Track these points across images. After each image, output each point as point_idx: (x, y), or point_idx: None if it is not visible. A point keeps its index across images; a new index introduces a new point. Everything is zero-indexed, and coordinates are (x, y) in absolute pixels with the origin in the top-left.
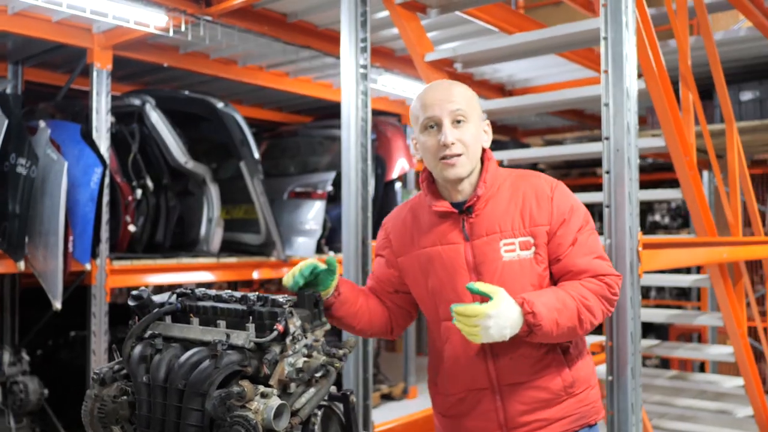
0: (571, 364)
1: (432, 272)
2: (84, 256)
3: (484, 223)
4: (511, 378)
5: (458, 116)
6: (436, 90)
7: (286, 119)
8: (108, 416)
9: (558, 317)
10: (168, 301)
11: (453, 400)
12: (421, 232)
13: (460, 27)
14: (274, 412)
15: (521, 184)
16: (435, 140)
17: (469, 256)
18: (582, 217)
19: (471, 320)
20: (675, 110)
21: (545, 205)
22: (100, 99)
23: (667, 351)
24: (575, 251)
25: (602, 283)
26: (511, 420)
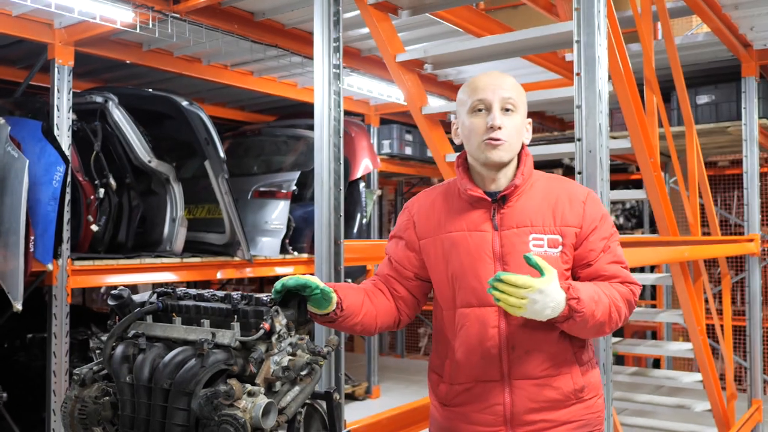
0: (583, 368)
1: (455, 257)
2: (46, 257)
3: (516, 215)
4: (523, 373)
5: (508, 104)
6: (489, 76)
7: (249, 118)
8: (89, 417)
9: (595, 309)
10: (149, 300)
11: (459, 390)
12: (450, 216)
13: (428, 28)
14: (263, 410)
15: (555, 185)
16: (483, 122)
17: (496, 245)
18: (611, 226)
19: (519, 291)
20: (641, 113)
21: (577, 208)
22: (62, 96)
23: (628, 348)
24: (606, 257)
25: (629, 289)
26: (517, 416)
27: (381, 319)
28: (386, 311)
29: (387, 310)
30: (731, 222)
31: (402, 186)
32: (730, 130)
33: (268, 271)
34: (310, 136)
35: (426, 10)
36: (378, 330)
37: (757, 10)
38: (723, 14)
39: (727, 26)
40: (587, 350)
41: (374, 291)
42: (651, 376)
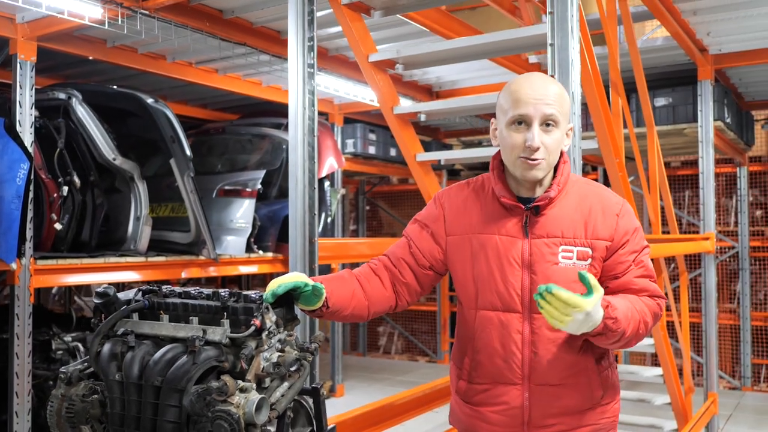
0: (602, 373)
1: (482, 258)
2: (9, 256)
3: (548, 224)
4: (543, 378)
5: (549, 120)
6: (533, 86)
7: (211, 116)
8: (77, 416)
9: (627, 327)
10: (134, 298)
11: (478, 389)
12: (481, 217)
13: (396, 28)
14: (256, 405)
15: (590, 194)
16: (521, 138)
17: (525, 252)
18: (642, 239)
19: (567, 309)
20: (608, 115)
21: (610, 221)
22: (24, 92)
23: None
24: (636, 271)
25: (656, 303)
26: (535, 420)
27: (374, 307)
28: (380, 299)
29: (381, 297)
30: (684, 220)
31: (364, 185)
32: (687, 132)
33: (232, 270)
34: (275, 135)
35: (399, 11)
36: (371, 317)
37: (714, 16)
38: (682, 19)
39: (685, 31)
40: (607, 357)
41: (370, 277)
42: None
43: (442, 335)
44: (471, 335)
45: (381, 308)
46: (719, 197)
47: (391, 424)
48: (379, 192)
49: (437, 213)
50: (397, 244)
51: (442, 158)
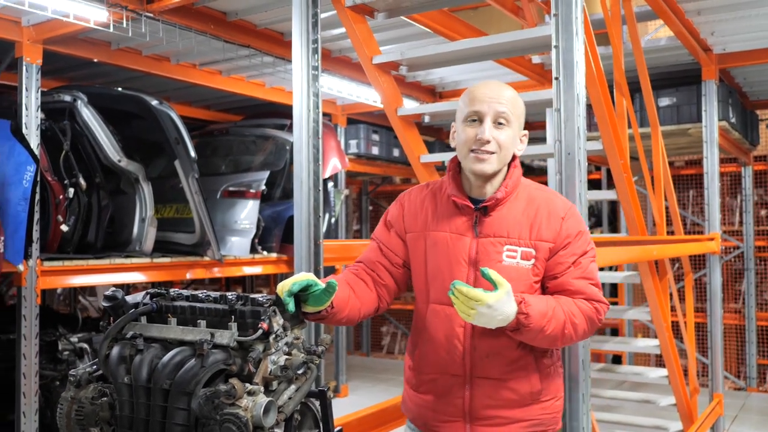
0: (542, 372)
1: (433, 256)
2: (16, 257)
3: (495, 224)
4: (483, 372)
5: (501, 117)
6: (488, 87)
7: (214, 117)
8: (86, 418)
9: (545, 325)
10: (143, 301)
11: (425, 379)
12: (436, 216)
13: (399, 30)
14: (264, 408)
15: (538, 198)
16: (473, 132)
17: (472, 251)
18: (587, 243)
19: (470, 302)
20: (612, 115)
21: (555, 224)
22: (30, 95)
23: (597, 345)
24: (574, 272)
25: (593, 307)
26: (474, 411)
27: (364, 309)
28: (368, 301)
29: (369, 299)
30: (688, 221)
31: (367, 185)
32: (691, 132)
33: (237, 270)
34: (278, 136)
35: (402, 13)
36: (360, 320)
37: (719, 15)
38: (686, 19)
39: (689, 31)
40: (550, 357)
41: (356, 281)
42: (618, 372)
43: None
44: (421, 327)
45: (369, 311)
46: (724, 197)
47: (397, 424)
48: (382, 192)
49: (398, 212)
50: (369, 249)
51: (446, 159)
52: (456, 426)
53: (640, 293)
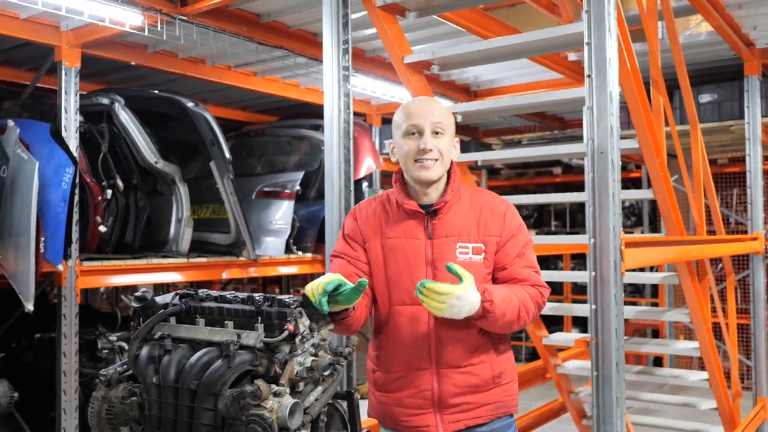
0: (500, 356)
1: (393, 261)
2: (56, 257)
3: (446, 226)
4: (449, 362)
5: (438, 128)
6: (420, 103)
7: (251, 118)
8: (116, 417)
9: (506, 310)
10: (172, 302)
11: (393, 377)
12: (389, 224)
13: (432, 29)
14: (289, 410)
15: (479, 199)
16: (415, 144)
17: (428, 252)
18: (526, 235)
19: (440, 297)
20: (648, 113)
21: (498, 220)
22: (69, 98)
23: (635, 347)
24: (520, 262)
25: (539, 292)
26: (443, 400)
27: (363, 315)
28: (365, 307)
29: (364, 307)
30: (731, 220)
31: None
32: (733, 129)
33: (272, 270)
34: (313, 137)
35: (433, 12)
36: (357, 326)
37: (761, 9)
38: (726, 13)
39: (730, 25)
40: (504, 342)
41: None
42: (656, 375)
43: None
44: (385, 330)
45: (365, 317)
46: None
47: None
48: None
49: (354, 225)
50: (337, 266)
51: (480, 159)
52: (426, 417)
53: (681, 294)
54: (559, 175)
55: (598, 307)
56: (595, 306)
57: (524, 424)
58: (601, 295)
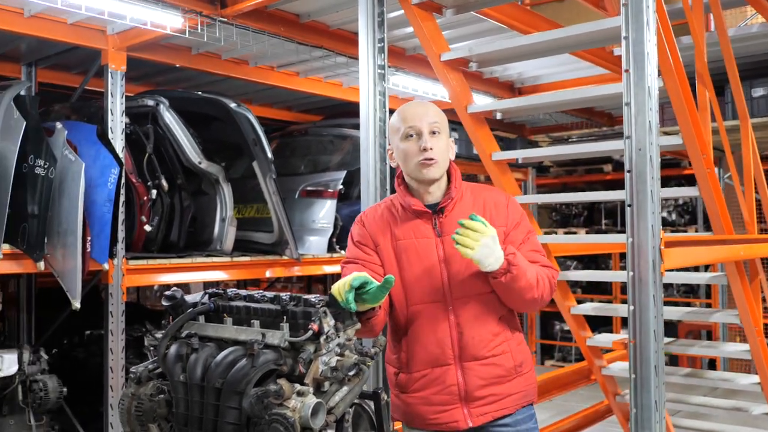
0: (518, 346)
1: (406, 262)
2: (102, 256)
3: (453, 222)
4: (471, 355)
5: (434, 128)
6: (416, 106)
7: (296, 118)
8: (145, 414)
9: (526, 269)
10: (201, 301)
11: (417, 377)
12: (397, 226)
13: (473, 26)
14: (312, 410)
15: (481, 193)
16: (416, 146)
17: (440, 249)
18: (529, 223)
19: (476, 234)
20: (692, 108)
21: (502, 212)
22: (115, 100)
23: (681, 349)
24: (526, 246)
25: (549, 270)
26: (470, 393)
27: (383, 318)
28: (383, 310)
29: (383, 309)
30: None
31: None
32: None
33: (315, 269)
34: (356, 136)
35: (470, 9)
36: (380, 328)
37: None
38: None
39: None
40: (520, 331)
41: None
42: (706, 378)
43: (530, 336)
44: (404, 331)
45: (384, 320)
46: None
47: None
48: None
49: (362, 230)
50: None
51: (520, 157)
52: (454, 412)
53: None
54: (609, 173)
55: (636, 308)
56: (633, 307)
57: (569, 426)
58: (639, 296)
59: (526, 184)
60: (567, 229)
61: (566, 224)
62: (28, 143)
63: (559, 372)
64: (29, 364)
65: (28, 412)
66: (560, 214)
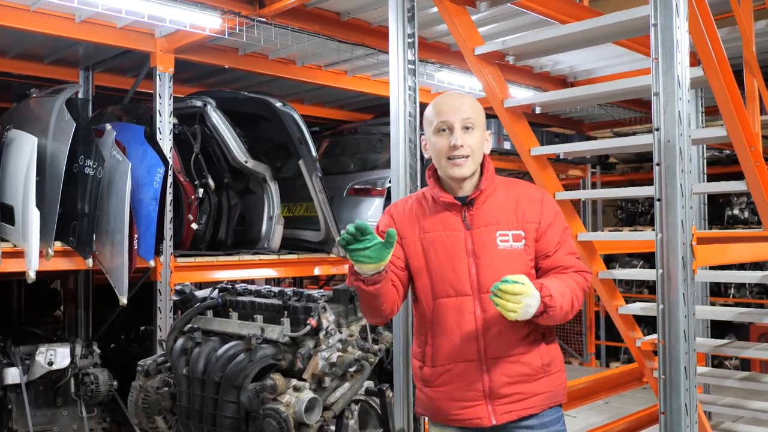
0: (548, 344)
1: (433, 254)
2: (148, 253)
3: (483, 215)
4: (497, 352)
5: (467, 123)
6: (450, 99)
7: (348, 117)
8: (151, 407)
9: (563, 302)
10: (210, 296)
11: (441, 371)
12: (426, 219)
13: (514, 20)
14: (306, 405)
15: (515, 188)
16: (446, 142)
17: (468, 243)
18: (564, 221)
19: (516, 297)
20: (737, 98)
21: (536, 207)
22: (163, 101)
23: (736, 351)
24: (563, 250)
25: (583, 278)
26: (495, 390)
27: (393, 295)
28: (393, 294)
29: (393, 293)
30: None
31: None
32: None
33: None
34: None
35: (505, 1)
36: (390, 309)
37: None
38: None
39: None
40: (550, 330)
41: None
42: (763, 382)
43: (588, 337)
44: (429, 324)
45: (395, 304)
46: None
47: None
48: None
49: (390, 222)
50: None
51: (561, 152)
52: (478, 409)
53: None
54: None
55: (665, 307)
56: (662, 306)
57: (620, 428)
58: (668, 295)
59: (584, 181)
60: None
61: (632, 222)
62: (78, 144)
63: (608, 373)
64: (81, 357)
65: (80, 404)
66: (625, 212)
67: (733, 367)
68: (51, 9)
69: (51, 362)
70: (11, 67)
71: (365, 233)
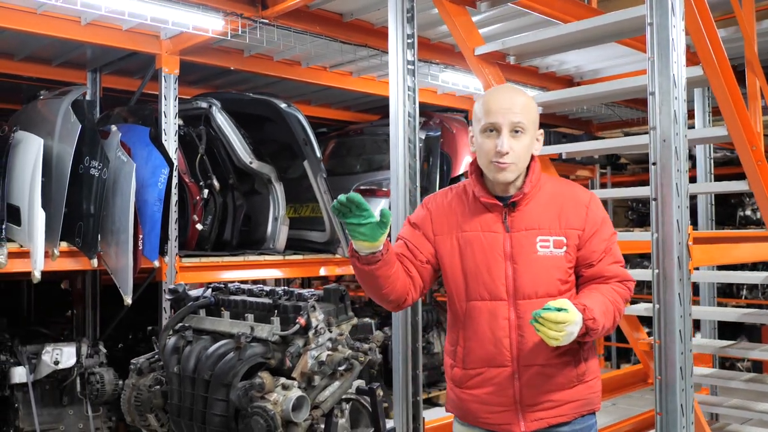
0: (585, 354)
1: (469, 254)
2: (152, 254)
3: (525, 218)
4: (530, 359)
5: (517, 127)
6: (501, 97)
7: (354, 118)
8: (143, 405)
9: (605, 322)
10: (203, 295)
11: (472, 374)
12: (465, 217)
13: (517, 20)
14: (293, 404)
15: (561, 190)
16: (492, 144)
17: (507, 246)
18: (611, 228)
19: (560, 326)
20: (738, 98)
21: (581, 212)
22: (168, 103)
23: (741, 352)
24: (608, 259)
25: (626, 288)
26: (525, 397)
27: (398, 286)
28: (402, 281)
29: (403, 280)
30: None
31: None
32: None
33: None
34: None
35: (505, 1)
36: (393, 297)
37: None
38: None
39: None
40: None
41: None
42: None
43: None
44: (462, 325)
45: (401, 292)
46: None
47: None
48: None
49: (425, 215)
50: (397, 244)
51: (564, 151)
52: (508, 415)
53: None
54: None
55: (661, 307)
56: (657, 306)
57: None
58: (663, 294)
59: (593, 181)
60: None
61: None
62: (83, 145)
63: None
64: (87, 357)
65: (86, 403)
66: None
67: (744, 369)
68: (57, 12)
69: (57, 361)
70: (20, 69)
71: (362, 209)
